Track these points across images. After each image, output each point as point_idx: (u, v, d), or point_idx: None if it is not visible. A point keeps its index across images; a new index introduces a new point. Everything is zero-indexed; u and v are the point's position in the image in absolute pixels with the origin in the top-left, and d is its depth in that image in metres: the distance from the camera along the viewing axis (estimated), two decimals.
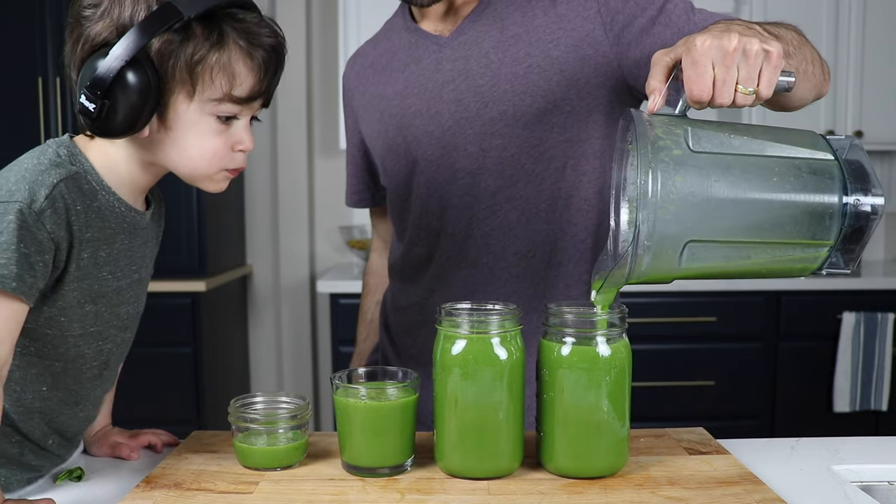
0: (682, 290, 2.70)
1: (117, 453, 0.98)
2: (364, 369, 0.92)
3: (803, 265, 0.80)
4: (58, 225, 0.76)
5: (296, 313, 3.21)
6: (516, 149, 1.09)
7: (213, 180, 0.85)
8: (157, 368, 2.69)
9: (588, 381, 0.82)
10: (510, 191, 1.10)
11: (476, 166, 1.10)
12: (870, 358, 2.70)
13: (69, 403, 0.88)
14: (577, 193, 1.11)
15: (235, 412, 0.89)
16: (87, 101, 0.76)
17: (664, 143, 0.75)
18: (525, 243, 1.12)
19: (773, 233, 0.77)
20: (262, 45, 0.81)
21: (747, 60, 0.75)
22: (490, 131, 1.09)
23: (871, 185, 0.78)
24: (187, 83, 0.78)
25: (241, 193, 3.20)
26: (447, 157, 1.11)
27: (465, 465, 0.85)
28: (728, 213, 0.76)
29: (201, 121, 0.80)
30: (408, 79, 1.14)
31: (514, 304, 0.87)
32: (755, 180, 0.76)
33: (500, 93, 1.08)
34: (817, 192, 0.77)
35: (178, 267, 2.71)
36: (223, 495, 0.81)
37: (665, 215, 0.74)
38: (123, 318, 0.89)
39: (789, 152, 0.78)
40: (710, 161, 0.76)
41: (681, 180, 0.74)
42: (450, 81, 1.10)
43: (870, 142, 2.95)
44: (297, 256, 3.21)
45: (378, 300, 1.38)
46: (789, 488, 0.85)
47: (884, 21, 2.90)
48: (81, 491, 0.88)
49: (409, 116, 1.13)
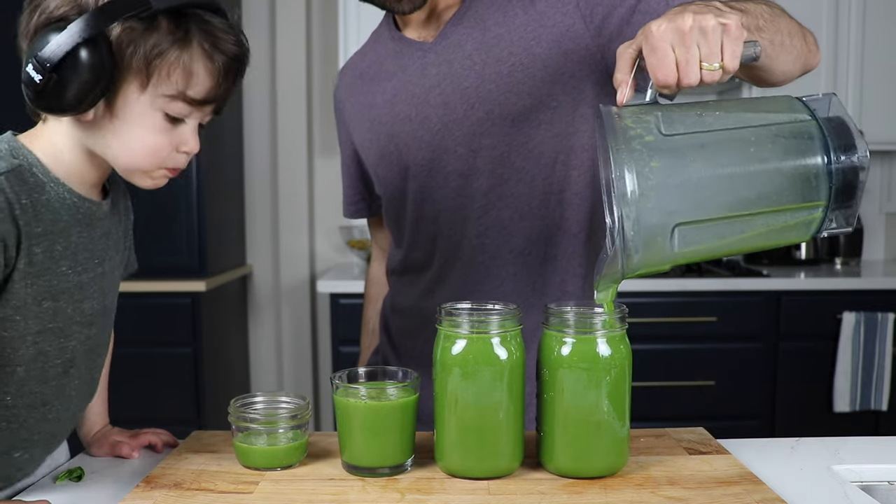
0: (682, 290, 2.70)
1: (117, 452, 0.98)
2: (364, 369, 0.92)
3: (800, 231, 0.79)
4: (2, 221, 0.74)
5: (296, 313, 3.21)
6: (505, 147, 1.09)
7: (150, 177, 0.83)
8: (157, 368, 2.69)
9: (588, 381, 0.82)
10: (502, 189, 1.11)
11: (467, 167, 1.11)
12: (870, 358, 2.70)
13: (35, 406, 0.85)
14: (568, 188, 1.12)
15: (235, 412, 0.89)
16: (33, 72, 0.74)
17: (635, 132, 0.75)
18: (520, 241, 1.12)
19: (760, 203, 0.76)
20: (225, 51, 0.80)
21: (706, 37, 0.75)
22: (478, 132, 1.09)
23: (853, 139, 0.77)
24: (142, 73, 0.77)
25: (241, 193, 3.20)
26: (438, 161, 1.12)
27: (465, 465, 0.85)
28: (710, 190, 0.75)
29: (148, 114, 0.79)
30: (395, 86, 1.15)
31: (514, 304, 0.87)
32: (732, 153, 0.76)
33: (485, 93, 1.08)
34: (798, 156, 0.77)
35: (178, 267, 2.71)
36: (223, 495, 0.81)
37: (646, 203, 0.73)
38: (87, 313, 0.86)
39: (764, 120, 0.78)
40: (683, 142, 0.75)
41: (656, 165, 0.74)
42: (436, 86, 1.11)
43: (870, 142, 2.93)
44: (297, 256, 3.21)
45: (380, 310, 1.38)
46: (789, 488, 0.85)
47: (884, 21, 2.90)
48: (81, 491, 0.88)
49: (398, 123, 1.14)
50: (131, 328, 2.68)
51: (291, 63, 3.14)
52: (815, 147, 0.77)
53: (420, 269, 1.20)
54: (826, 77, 2.91)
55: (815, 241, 3.12)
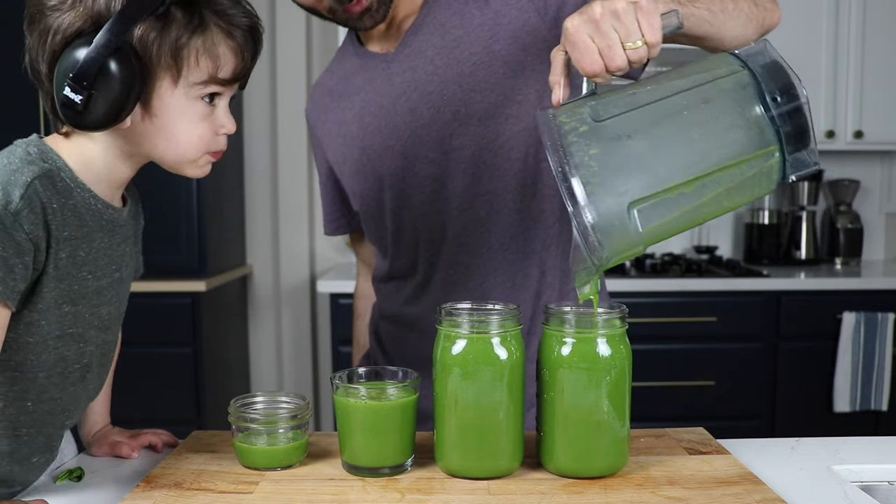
0: (682, 290, 2.70)
1: (117, 452, 0.98)
2: (364, 369, 0.92)
3: (763, 181, 0.78)
4: (35, 225, 0.74)
5: (296, 313, 3.21)
6: (475, 146, 1.10)
7: (197, 165, 0.85)
8: (157, 368, 2.69)
9: (588, 381, 0.82)
10: (476, 188, 1.12)
11: (440, 171, 1.12)
12: (870, 358, 2.70)
13: (55, 412, 0.85)
14: (541, 180, 1.13)
15: (235, 412, 0.89)
16: (72, 94, 0.74)
17: (570, 126, 0.75)
18: (498, 237, 1.13)
19: (708, 162, 0.75)
20: (240, 26, 0.81)
21: (619, 19, 0.76)
22: (447, 134, 1.10)
23: (789, 78, 0.76)
24: (172, 68, 0.78)
25: (241, 193, 3.20)
26: (411, 168, 1.13)
27: (465, 465, 0.85)
28: (654, 162, 0.74)
29: (188, 106, 0.80)
30: (364, 100, 1.16)
31: (514, 304, 0.87)
32: (666, 122, 0.75)
33: (449, 95, 1.10)
34: (735, 107, 0.76)
35: (178, 267, 2.70)
36: (223, 495, 0.81)
37: (595, 191, 0.73)
38: (104, 318, 0.87)
39: (696, 81, 0.77)
40: (618, 123, 0.75)
41: (595, 152, 0.73)
42: (402, 94, 1.12)
43: (870, 142, 2.95)
44: (297, 256, 3.21)
45: (369, 321, 1.39)
46: (789, 488, 0.85)
47: (884, 21, 2.90)
48: (81, 491, 0.88)
49: (369, 135, 1.15)
50: (131, 328, 2.66)
51: (291, 63, 3.14)
52: (750, 95, 0.76)
53: (405, 276, 1.21)
54: (826, 77, 2.91)
55: (815, 241, 3.13)
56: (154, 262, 2.94)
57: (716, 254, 3.12)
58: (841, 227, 3.12)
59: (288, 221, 3.20)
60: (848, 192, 3.14)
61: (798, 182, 0.82)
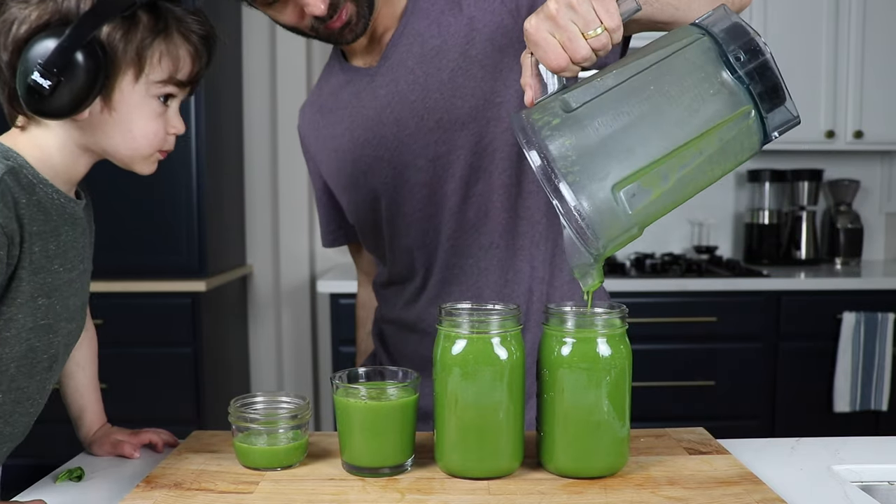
0: (682, 290, 2.70)
1: (119, 451, 0.98)
2: (364, 369, 0.92)
3: (745, 141, 0.78)
4: (9, 218, 0.77)
5: (296, 313, 3.21)
6: (461, 150, 1.12)
7: (148, 161, 0.89)
8: (157, 368, 2.69)
9: (588, 381, 0.82)
10: (465, 191, 1.13)
11: (429, 178, 1.14)
12: (870, 358, 2.70)
13: (21, 401, 0.87)
14: (525, 178, 1.14)
15: (235, 412, 0.89)
16: (41, 79, 0.77)
17: (542, 122, 0.75)
18: (488, 237, 1.15)
19: (684, 132, 0.75)
20: (199, 33, 0.87)
21: (575, 10, 0.77)
22: (432, 140, 1.12)
23: (749, 35, 0.76)
24: (135, 65, 0.82)
25: (241, 193, 3.20)
26: (401, 176, 1.15)
27: (465, 465, 0.85)
28: (629, 142, 0.74)
29: (145, 102, 0.85)
30: (352, 114, 1.18)
31: (514, 304, 0.87)
32: (634, 99, 0.75)
33: (431, 103, 1.11)
34: (700, 73, 0.76)
35: (178, 267, 2.71)
36: (223, 495, 0.81)
37: (576, 180, 0.73)
38: (72, 309, 0.90)
39: (659, 56, 0.77)
40: (588, 109, 0.75)
41: (570, 142, 0.74)
42: (386, 106, 1.14)
43: (870, 142, 2.95)
44: (297, 256, 3.21)
45: (369, 332, 1.41)
46: (789, 488, 0.85)
47: (884, 21, 2.90)
48: (81, 491, 0.88)
49: (358, 148, 1.17)
50: (131, 328, 2.68)
51: (291, 63, 3.14)
52: (713, 59, 0.76)
53: (403, 281, 1.23)
54: (826, 77, 2.91)
55: (815, 241, 3.13)
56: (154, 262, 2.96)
57: (716, 254, 3.12)
58: (841, 227, 3.12)
59: (288, 221, 3.20)
60: (848, 192, 3.14)
61: (781, 136, 0.82)
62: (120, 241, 2.71)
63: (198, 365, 2.70)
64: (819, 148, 2.97)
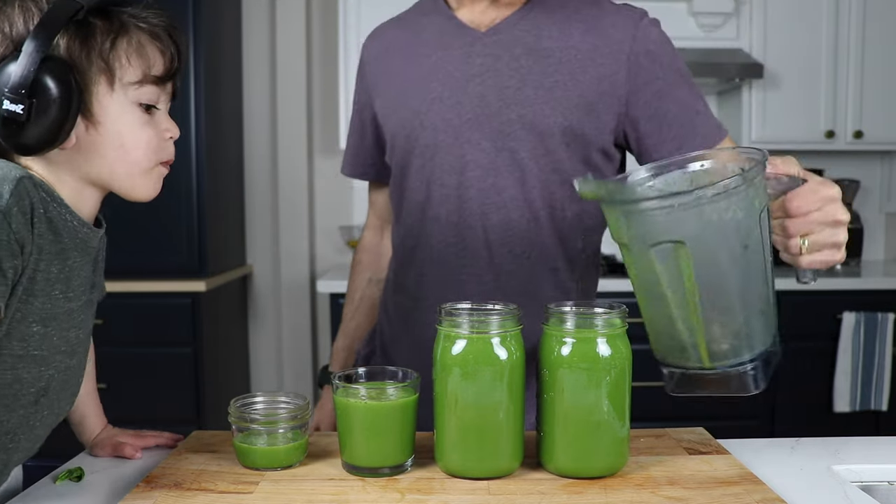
0: None
1: (119, 452, 0.98)
2: (364, 369, 0.92)
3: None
4: (22, 225, 0.71)
5: (296, 313, 3.21)
6: (528, 153, 1.11)
7: (151, 177, 0.82)
8: (157, 368, 2.69)
9: (588, 381, 0.82)
10: (515, 191, 1.12)
11: (488, 161, 1.12)
12: (870, 358, 2.70)
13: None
14: (583, 209, 1.15)
15: (235, 412, 0.89)
16: (12, 105, 0.72)
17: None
18: (523, 244, 1.14)
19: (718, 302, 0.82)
20: (158, 25, 0.82)
21: (830, 233, 0.88)
22: (506, 132, 1.11)
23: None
24: (105, 71, 0.77)
25: (241, 193, 3.20)
26: (461, 148, 1.13)
27: (465, 465, 0.84)
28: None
29: (127, 110, 0.79)
30: (434, 64, 1.15)
31: (514, 304, 0.87)
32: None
33: (523, 97, 1.10)
34: None
35: (178, 267, 2.71)
36: (223, 495, 0.81)
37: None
38: (72, 342, 0.83)
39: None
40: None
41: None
42: (477, 76, 1.12)
43: (870, 142, 2.95)
44: (297, 256, 3.21)
45: (370, 279, 1.38)
46: (789, 488, 0.85)
47: (884, 21, 2.90)
48: (81, 491, 0.88)
49: (428, 101, 1.14)
50: (131, 328, 2.68)
51: (291, 63, 3.14)
52: None
53: (417, 248, 1.19)
54: (826, 77, 2.91)
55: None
56: (154, 262, 2.96)
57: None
58: None
59: (288, 221, 3.20)
60: (848, 192, 3.14)
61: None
62: (120, 240, 2.70)
63: (198, 365, 2.70)
64: (819, 148, 2.97)
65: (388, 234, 1.37)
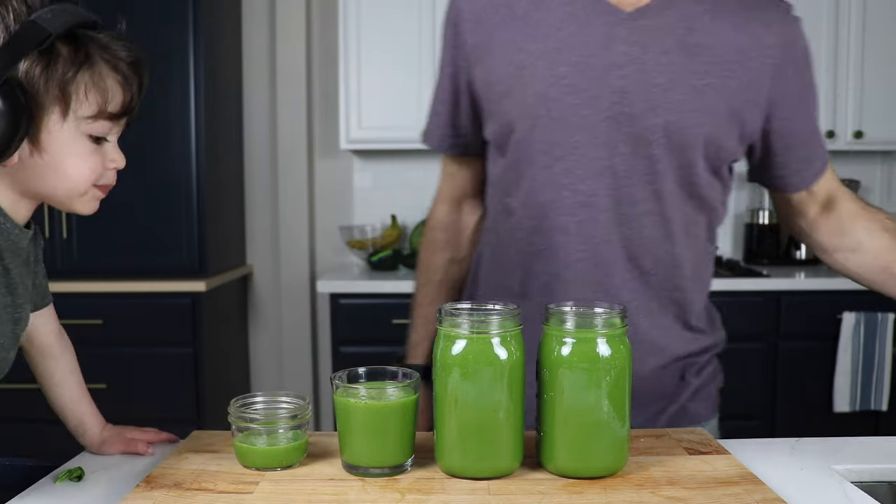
0: None
1: (132, 449, 0.98)
2: (364, 369, 0.92)
3: None
4: None
5: (296, 313, 3.21)
6: (667, 164, 1.01)
7: (85, 199, 0.84)
8: (157, 368, 2.69)
9: (588, 381, 0.82)
10: (651, 205, 1.02)
11: (625, 169, 1.01)
12: (870, 358, 2.70)
13: None
14: (710, 233, 1.10)
15: (235, 412, 0.89)
16: None
17: None
18: (650, 260, 1.05)
19: None
20: (125, 60, 0.81)
21: None
22: (648, 139, 0.99)
23: None
24: (60, 102, 0.77)
25: (241, 193, 3.20)
26: (597, 150, 1.00)
27: (465, 465, 0.84)
28: None
29: (76, 141, 0.80)
30: (563, 41, 1.00)
31: (513, 304, 0.87)
32: None
33: (672, 101, 0.98)
34: None
35: (178, 267, 2.71)
36: (223, 495, 0.81)
37: None
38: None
39: None
40: None
41: None
42: (619, 66, 0.98)
43: (870, 142, 2.95)
44: (297, 256, 3.21)
45: (450, 259, 1.24)
46: (789, 488, 0.85)
47: (884, 21, 2.90)
48: (81, 491, 0.88)
49: (558, 87, 1.00)
50: (131, 328, 2.68)
51: (291, 63, 3.14)
52: None
53: (533, 237, 1.07)
54: (826, 77, 2.91)
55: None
56: (154, 262, 2.96)
57: (716, 254, 3.11)
58: None
59: (288, 221, 3.20)
60: None
61: None
62: (120, 241, 2.71)
63: (198, 365, 2.70)
64: None
65: (467, 209, 1.24)
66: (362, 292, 2.71)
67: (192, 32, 2.64)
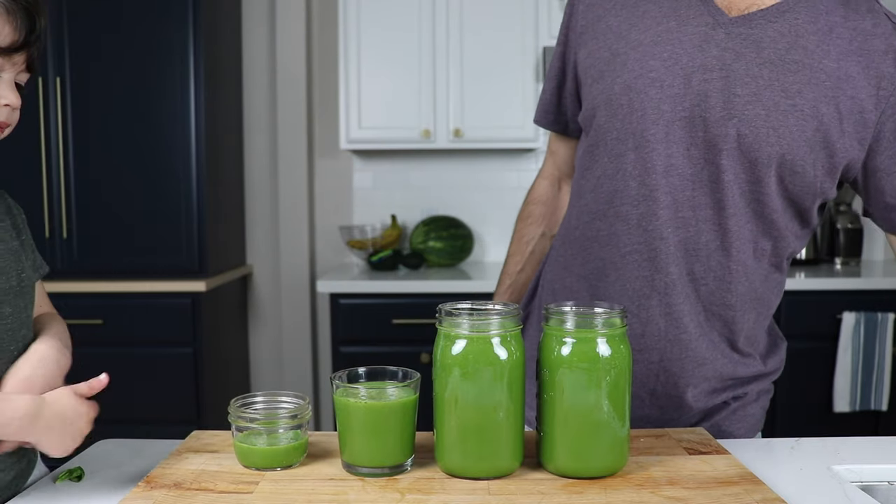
0: None
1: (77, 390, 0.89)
2: (364, 369, 0.92)
3: None
4: None
5: (296, 313, 3.21)
6: (735, 175, 0.99)
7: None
8: (157, 368, 2.70)
9: (588, 381, 0.82)
10: (711, 213, 1.01)
11: (692, 172, 1.00)
12: (870, 358, 2.70)
13: None
14: (777, 259, 1.07)
15: (235, 412, 0.89)
16: None
17: None
18: (702, 268, 1.03)
19: None
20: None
21: None
22: (719, 146, 0.98)
23: None
24: None
25: (241, 193, 3.20)
26: (668, 147, 1.00)
27: (465, 465, 0.84)
28: None
29: None
30: (660, 35, 1.00)
31: (514, 304, 0.87)
32: None
33: (750, 114, 0.96)
34: None
35: (178, 267, 2.71)
36: (223, 495, 0.81)
37: None
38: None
39: None
40: None
41: None
42: (707, 70, 0.97)
43: None
44: (297, 256, 3.21)
45: (543, 233, 1.27)
46: (789, 488, 0.85)
47: None
48: (81, 491, 0.88)
49: (644, 80, 1.00)
50: (131, 328, 2.68)
51: (291, 63, 3.14)
52: None
53: (595, 238, 1.09)
54: None
55: (815, 240, 3.13)
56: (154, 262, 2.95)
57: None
58: (841, 227, 3.12)
59: (288, 221, 3.20)
60: (848, 192, 3.14)
61: None
62: (120, 241, 2.71)
63: (198, 365, 2.70)
64: None
65: (566, 188, 1.26)
66: (362, 292, 2.71)
67: (192, 32, 2.64)
